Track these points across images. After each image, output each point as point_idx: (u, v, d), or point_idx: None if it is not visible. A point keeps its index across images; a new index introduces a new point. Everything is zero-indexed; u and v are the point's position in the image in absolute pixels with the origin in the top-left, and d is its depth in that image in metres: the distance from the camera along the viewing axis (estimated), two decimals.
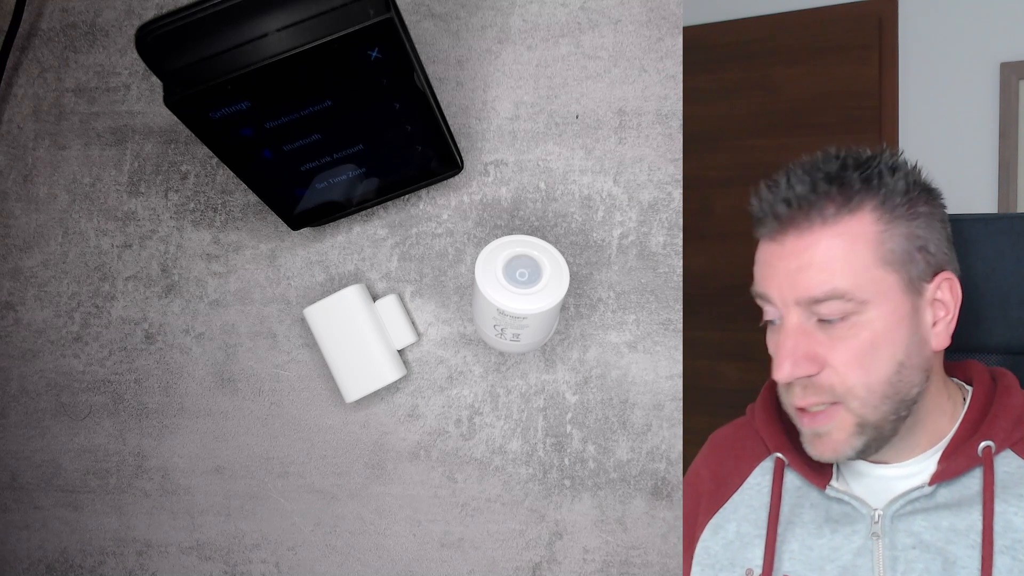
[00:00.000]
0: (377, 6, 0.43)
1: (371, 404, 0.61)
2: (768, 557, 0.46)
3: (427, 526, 0.60)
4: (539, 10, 0.63)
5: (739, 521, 0.49)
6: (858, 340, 0.43)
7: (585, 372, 0.60)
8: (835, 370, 0.44)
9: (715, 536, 0.50)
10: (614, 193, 0.61)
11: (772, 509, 0.47)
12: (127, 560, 0.62)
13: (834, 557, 0.46)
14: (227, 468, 0.62)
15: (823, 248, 0.43)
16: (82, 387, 0.63)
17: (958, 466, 0.45)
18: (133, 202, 0.64)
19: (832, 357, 0.44)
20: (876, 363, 0.44)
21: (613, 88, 0.62)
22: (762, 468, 0.50)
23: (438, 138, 0.55)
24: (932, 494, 0.45)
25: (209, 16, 0.43)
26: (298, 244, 0.63)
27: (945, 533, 0.44)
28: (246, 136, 0.49)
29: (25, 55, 0.66)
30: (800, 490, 0.49)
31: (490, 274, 0.50)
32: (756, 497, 0.50)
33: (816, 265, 0.43)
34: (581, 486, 0.60)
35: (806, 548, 0.47)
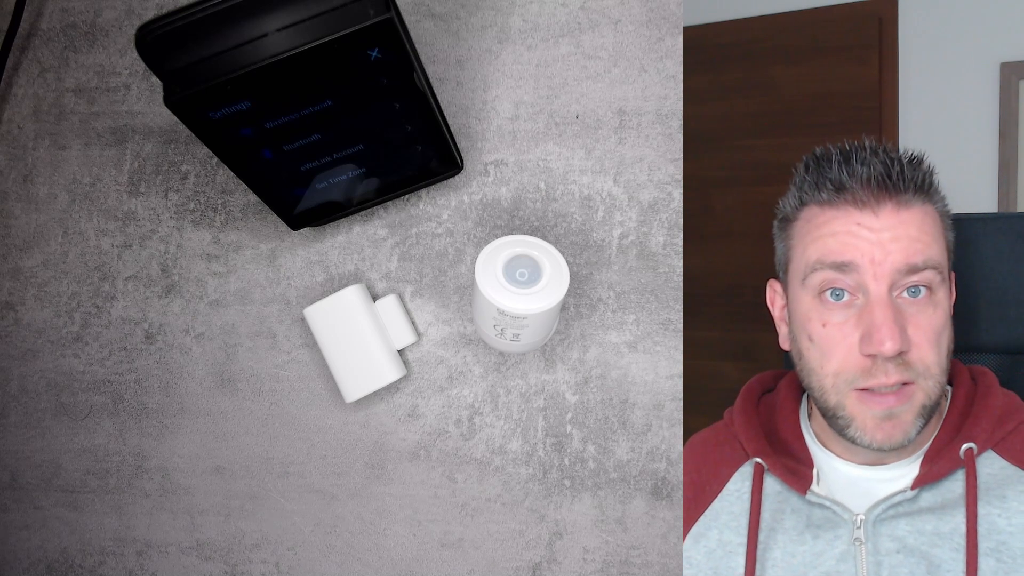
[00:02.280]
0: (377, 6, 0.43)
1: (371, 404, 0.61)
2: (749, 566, 0.46)
3: (427, 526, 0.60)
4: (539, 10, 0.63)
5: (720, 529, 0.48)
6: (936, 318, 0.44)
7: (585, 372, 0.60)
8: (918, 347, 0.43)
9: (697, 545, 0.49)
10: (614, 193, 0.61)
11: (752, 516, 0.47)
12: (127, 560, 0.62)
13: (817, 563, 0.45)
14: (227, 468, 0.62)
15: (918, 220, 0.44)
16: (82, 387, 0.63)
17: (940, 469, 0.44)
18: (133, 202, 0.64)
19: (915, 335, 0.44)
20: (943, 343, 0.44)
21: (613, 88, 0.62)
22: (741, 473, 0.49)
23: (438, 138, 0.55)
24: (915, 498, 0.45)
25: (209, 16, 0.43)
26: (298, 244, 0.63)
27: (929, 537, 0.43)
28: (246, 136, 0.49)
29: (25, 55, 0.66)
30: (780, 495, 0.48)
31: (490, 274, 0.50)
32: (736, 503, 0.49)
33: (914, 235, 0.44)
34: (581, 486, 0.60)
35: (788, 555, 0.46)
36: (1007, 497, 0.43)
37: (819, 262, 0.45)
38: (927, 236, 0.44)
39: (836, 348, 0.44)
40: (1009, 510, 0.43)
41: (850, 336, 0.44)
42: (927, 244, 0.44)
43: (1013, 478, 0.44)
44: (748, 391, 0.52)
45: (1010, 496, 0.43)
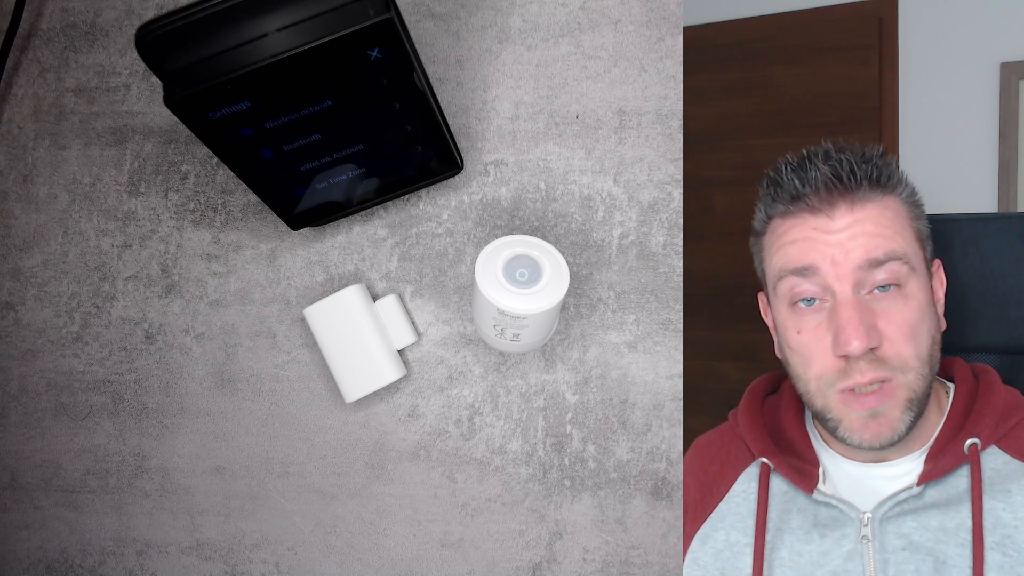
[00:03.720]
0: (377, 6, 0.43)
1: (371, 404, 0.61)
2: (757, 566, 0.46)
3: (427, 526, 0.60)
4: (539, 10, 0.63)
5: (727, 530, 0.49)
6: (908, 310, 0.44)
7: (585, 372, 0.60)
8: (891, 342, 0.44)
9: (704, 546, 0.49)
10: (614, 193, 0.61)
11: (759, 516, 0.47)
12: (127, 560, 0.62)
13: (824, 562, 0.45)
14: (227, 468, 0.62)
15: (876, 215, 0.44)
16: (82, 387, 0.63)
17: (945, 465, 0.45)
18: (133, 202, 0.64)
19: (887, 329, 0.44)
20: (921, 334, 0.44)
21: (613, 88, 0.62)
22: (747, 474, 0.50)
23: (438, 138, 0.55)
24: (920, 494, 0.45)
25: (209, 16, 0.43)
26: (298, 244, 0.63)
27: (935, 533, 0.44)
28: (246, 136, 0.49)
29: (25, 55, 0.66)
30: (787, 495, 0.48)
31: (490, 274, 0.50)
32: (743, 504, 0.49)
33: (871, 231, 0.44)
34: (581, 486, 0.60)
35: (796, 555, 0.46)
36: (1012, 491, 0.43)
37: (783, 269, 0.46)
38: (887, 229, 0.44)
39: (814, 353, 0.45)
40: (1014, 504, 0.43)
41: (823, 339, 0.45)
42: (887, 237, 0.44)
43: (1017, 472, 0.44)
44: (752, 393, 0.52)
45: (1014, 490, 0.43)
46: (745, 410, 0.51)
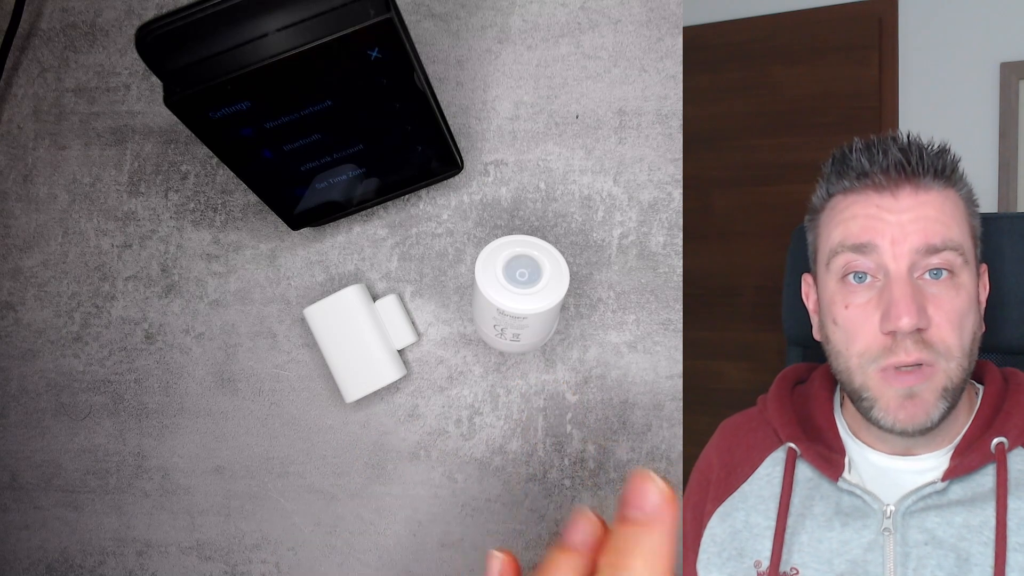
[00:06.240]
0: (377, 6, 0.43)
1: (371, 404, 0.61)
2: (776, 548, 0.46)
3: (427, 526, 0.60)
4: (539, 10, 0.63)
5: (748, 511, 0.49)
6: (958, 300, 0.44)
7: (585, 372, 0.60)
8: (938, 327, 0.44)
9: (722, 524, 0.49)
10: (614, 193, 0.61)
11: (783, 500, 0.47)
12: (127, 560, 0.62)
13: (844, 551, 0.45)
14: (227, 468, 0.62)
15: (938, 203, 0.45)
16: (82, 387, 0.63)
17: (971, 462, 0.45)
18: (133, 202, 0.64)
19: (936, 315, 0.44)
20: (966, 327, 0.45)
21: (613, 88, 0.62)
22: (773, 459, 0.50)
23: (438, 138, 0.55)
24: (945, 490, 0.45)
25: (209, 16, 0.43)
26: (298, 244, 0.63)
27: (958, 529, 0.43)
28: (246, 136, 0.49)
29: (25, 55, 0.66)
30: (811, 482, 0.48)
31: (490, 274, 0.50)
32: (767, 487, 0.49)
33: (933, 217, 0.44)
34: (581, 486, 0.60)
35: (816, 541, 0.46)
36: None
37: (840, 244, 0.46)
38: (947, 218, 0.45)
39: (860, 329, 0.45)
40: None
41: (872, 316, 0.45)
42: (947, 226, 0.44)
43: None
44: (783, 379, 0.53)
45: None
46: (775, 396, 0.52)
